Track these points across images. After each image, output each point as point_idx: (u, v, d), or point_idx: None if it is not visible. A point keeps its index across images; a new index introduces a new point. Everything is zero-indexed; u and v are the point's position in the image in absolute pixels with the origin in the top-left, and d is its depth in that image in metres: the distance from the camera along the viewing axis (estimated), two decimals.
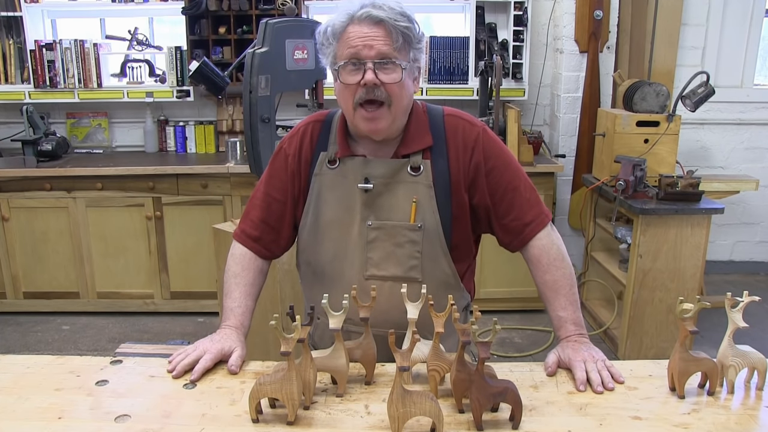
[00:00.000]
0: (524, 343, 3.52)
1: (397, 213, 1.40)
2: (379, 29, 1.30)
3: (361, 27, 1.31)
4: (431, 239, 1.40)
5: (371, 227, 1.40)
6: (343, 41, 1.32)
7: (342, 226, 1.43)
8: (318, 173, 1.45)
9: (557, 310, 1.41)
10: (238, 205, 3.68)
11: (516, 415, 1.10)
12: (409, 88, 1.37)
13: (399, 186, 1.40)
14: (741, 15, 4.11)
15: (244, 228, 1.53)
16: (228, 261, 1.51)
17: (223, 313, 1.45)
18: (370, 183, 1.40)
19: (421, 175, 1.39)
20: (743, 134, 4.29)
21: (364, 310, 1.21)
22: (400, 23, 1.31)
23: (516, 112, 3.62)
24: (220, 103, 4.16)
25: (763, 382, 1.23)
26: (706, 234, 3.06)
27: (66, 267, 3.77)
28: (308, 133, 1.49)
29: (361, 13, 1.30)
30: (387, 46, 1.30)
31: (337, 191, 1.42)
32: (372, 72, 1.30)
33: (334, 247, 1.44)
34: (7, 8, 3.87)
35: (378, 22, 1.30)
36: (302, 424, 1.12)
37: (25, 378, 1.27)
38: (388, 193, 1.40)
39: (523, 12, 3.91)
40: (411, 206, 1.38)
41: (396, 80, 1.32)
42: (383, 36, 1.30)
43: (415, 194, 1.39)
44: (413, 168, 1.39)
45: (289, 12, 2.84)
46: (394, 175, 1.40)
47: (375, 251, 1.40)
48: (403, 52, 1.33)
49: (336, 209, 1.43)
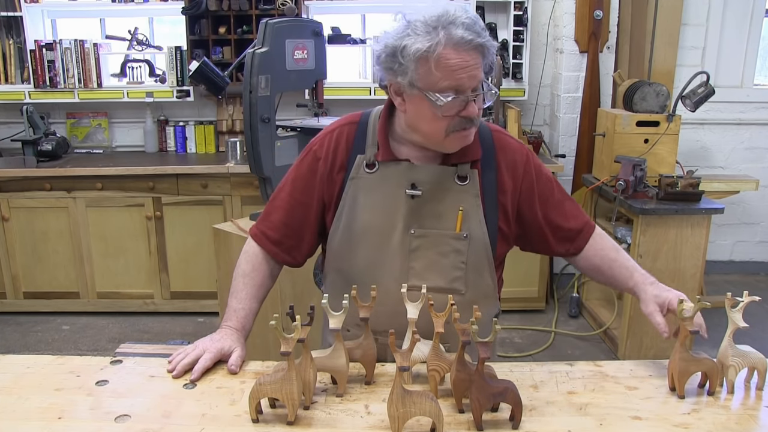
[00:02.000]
0: (524, 343, 3.52)
1: (443, 221, 1.35)
2: (477, 54, 1.22)
3: (460, 53, 1.20)
4: (477, 250, 1.36)
5: (414, 235, 1.35)
6: (439, 66, 1.20)
7: (380, 233, 1.37)
8: (354, 177, 1.37)
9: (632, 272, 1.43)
10: (238, 205, 3.68)
11: (516, 415, 1.10)
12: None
13: (445, 194, 1.35)
14: (741, 15, 4.11)
15: (263, 229, 1.47)
16: (240, 258, 1.48)
17: (226, 312, 1.44)
18: (418, 189, 1.34)
19: (469, 185, 1.35)
20: (743, 134, 4.29)
21: (364, 310, 1.21)
22: (492, 44, 1.25)
23: (516, 112, 3.62)
24: (220, 103, 4.16)
25: (763, 382, 1.23)
26: (706, 234, 3.06)
27: (66, 267, 3.78)
28: (343, 135, 1.41)
29: (459, 37, 1.19)
30: (480, 72, 1.25)
31: (376, 196, 1.36)
32: (473, 104, 1.26)
33: (369, 254, 1.38)
34: (7, 8, 3.87)
35: (477, 47, 1.21)
36: (302, 424, 1.12)
37: (25, 378, 1.27)
38: (434, 201, 1.35)
39: (523, 12, 3.91)
40: (457, 215, 1.34)
41: (488, 103, 1.30)
42: (478, 63, 1.23)
43: (461, 203, 1.34)
44: (460, 177, 1.35)
45: (289, 12, 2.84)
46: (441, 182, 1.35)
47: (418, 260, 1.35)
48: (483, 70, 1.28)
49: (374, 215, 1.37)
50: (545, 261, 3.81)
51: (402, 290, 1.22)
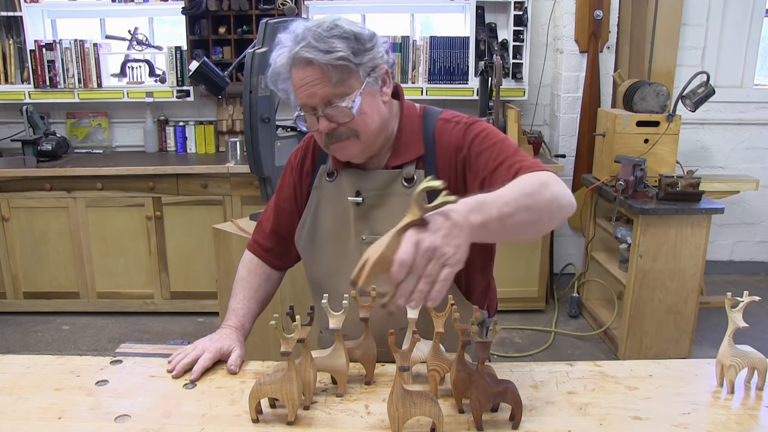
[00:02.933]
0: (524, 343, 3.52)
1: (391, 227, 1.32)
2: (313, 71, 1.20)
3: (298, 71, 1.22)
4: None
5: (365, 242, 1.33)
6: (293, 86, 1.25)
7: (338, 241, 1.38)
8: (317, 186, 1.41)
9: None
10: (238, 205, 3.68)
11: (516, 415, 1.10)
12: (372, 109, 1.26)
13: (392, 199, 1.33)
14: (741, 15, 4.11)
15: (256, 238, 1.54)
16: (238, 266, 1.53)
17: (226, 314, 1.46)
18: (360, 196, 1.34)
19: (414, 187, 1.27)
20: (743, 134, 4.29)
21: (364, 311, 1.21)
22: (332, 56, 1.18)
23: (516, 112, 3.62)
24: (220, 103, 4.16)
25: (763, 382, 1.23)
26: (706, 234, 3.06)
27: (66, 267, 3.78)
28: (311, 145, 1.46)
29: (292, 55, 1.20)
30: (326, 88, 1.20)
31: (334, 204, 1.38)
32: (325, 120, 1.23)
33: (329, 261, 1.40)
34: (7, 8, 3.87)
35: (309, 64, 1.19)
36: (302, 424, 1.12)
37: (25, 378, 1.27)
38: (382, 206, 1.34)
39: (523, 12, 3.91)
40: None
41: (350, 117, 1.23)
42: (319, 78, 1.20)
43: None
44: (406, 179, 1.32)
45: (289, 12, 2.84)
46: (387, 187, 1.33)
47: None
48: (349, 80, 1.22)
49: (332, 223, 1.39)
50: (545, 261, 3.81)
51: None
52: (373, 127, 1.27)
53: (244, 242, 1.57)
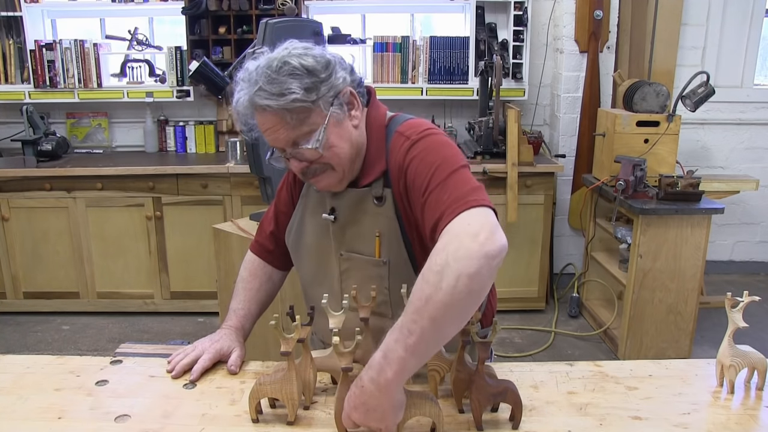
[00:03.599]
0: (524, 343, 3.52)
1: (365, 246, 1.29)
2: (271, 116, 1.17)
3: (258, 116, 1.19)
4: (399, 274, 1.27)
5: (343, 258, 1.32)
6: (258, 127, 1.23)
7: (320, 252, 1.38)
8: (305, 194, 1.41)
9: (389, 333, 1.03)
10: (238, 205, 3.68)
11: (516, 415, 1.10)
12: (341, 138, 1.21)
13: (365, 217, 1.29)
14: (741, 15, 4.11)
15: (258, 239, 1.54)
16: (240, 267, 1.54)
17: (227, 314, 1.46)
18: (333, 214, 1.31)
19: (384, 206, 1.26)
20: (743, 134, 4.29)
21: (364, 310, 1.21)
22: (284, 100, 1.14)
23: (516, 112, 3.62)
24: (220, 103, 4.16)
25: (763, 382, 1.23)
26: (706, 234, 3.06)
27: (66, 267, 3.78)
28: None
29: (249, 99, 1.17)
30: (287, 131, 1.18)
31: (317, 217, 1.36)
32: (296, 161, 1.22)
33: (312, 271, 1.41)
34: (7, 8, 3.87)
35: (264, 110, 1.16)
36: (302, 424, 1.12)
37: (25, 378, 1.27)
38: (355, 224, 1.30)
39: (523, 12, 3.91)
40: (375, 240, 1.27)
41: (318, 154, 1.19)
42: (278, 123, 1.17)
43: (378, 227, 1.27)
44: (376, 197, 1.26)
45: (289, 12, 2.84)
46: (358, 204, 1.29)
47: (348, 282, 1.32)
48: (309, 120, 1.17)
49: (314, 235, 1.38)
50: (545, 261, 3.81)
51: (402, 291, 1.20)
52: (345, 156, 1.22)
53: (244, 242, 1.58)
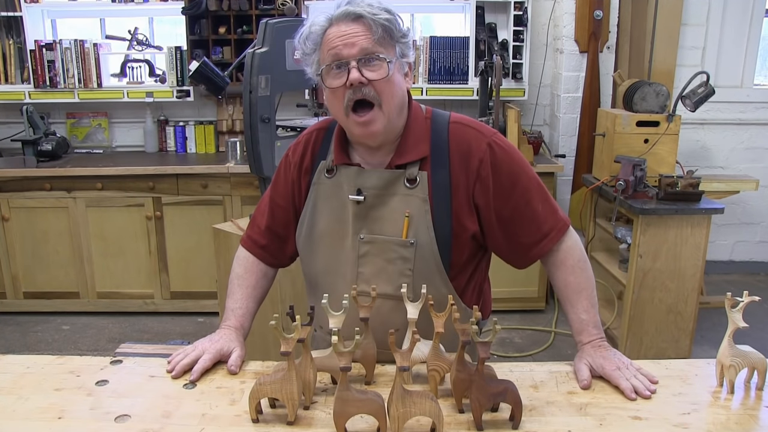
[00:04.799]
0: (524, 343, 3.52)
1: (390, 227, 1.32)
2: (358, 25, 1.24)
3: (340, 26, 1.25)
4: (425, 257, 1.31)
5: (363, 241, 1.33)
6: (325, 44, 1.26)
7: (335, 239, 1.37)
8: (316, 182, 1.40)
9: (580, 313, 1.34)
10: (238, 205, 3.68)
11: (516, 415, 1.10)
12: (399, 84, 1.29)
13: (393, 198, 1.32)
14: (741, 15, 4.11)
15: (250, 234, 1.51)
16: (233, 263, 1.51)
17: (224, 314, 1.45)
18: (361, 195, 1.32)
19: (417, 188, 1.30)
20: (743, 134, 4.29)
21: (364, 310, 1.21)
22: (380, 16, 1.24)
23: (516, 112, 3.62)
24: (220, 103, 4.16)
25: (763, 382, 1.23)
26: (706, 234, 3.06)
27: (66, 267, 3.77)
28: (311, 141, 1.44)
29: (338, 12, 1.25)
30: (368, 41, 1.23)
31: (332, 202, 1.37)
32: (356, 70, 1.23)
33: (326, 259, 1.39)
34: (7, 8, 3.87)
35: (356, 18, 1.24)
36: (302, 424, 1.12)
37: (25, 378, 1.27)
38: (381, 206, 1.33)
39: (523, 12, 3.91)
40: (404, 221, 1.30)
41: (383, 76, 1.24)
42: (363, 31, 1.24)
43: (408, 208, 1.30)
44: (409, 180, 1.31)
45: (289, 12, 2.84)
46: (388, 186, 1.32)
47: (366, 266, 1.34)
48: (388, 47, 1.26)
49: (330, 220, 1.37)
50: None
51: (402, 290, 1.22)
52: (395, 101, 1.28)
53: None
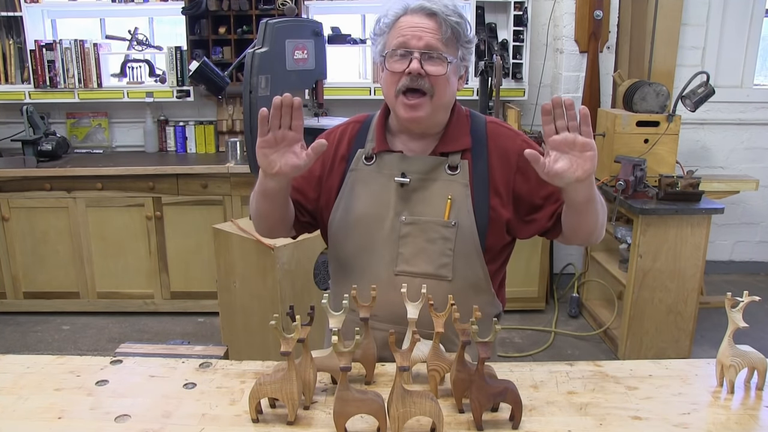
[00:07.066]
0: (524, 343, 3.52)
1: (432, 209, 1.39)
2: (430, 21, 1.33)
3: (413, 18, 1.34)
4: (465, 238, 1.38)
5: (404, 222, 1.39)
6: (395, 30, 1.35)
7: (373, 221, 1.42)
8: (354, 169, 1.44)
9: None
10: (238, 205, 3.68)
11: (516, 415, 1.10)
12: (453, 84, 1.38)
13: (435, 183, 1.40)
14: (741, 15, 4.11)
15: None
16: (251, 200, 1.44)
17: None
18: (406, 177, 1.40)
19: (459, 175, 1.39)
20: (743, 134, 4.29)
21: (364, 310, 1.21)
22: (452, 18, 1.33)
23: (516, 112, 3.62)
24: (220, 103, 4.16)
25: (763, 382, 1.23)
26: (706, 234, 3.06)
27: (66, 267, 3.77)
28: (347, 131, 1.50)
29: (415, 5, 1.34)
30: (436, 38, 1.32)
31: (372, 186, 1.42)
32: (418, 62, 1.31)
33: (362, 240, 1.43)
34: (7, 8, 3.87)
35: (430, 15, 1.33)
36: (302, 424, 1.12)
37: (25, 378, 1.27)
38: (423, 189, 1.40)
39: (523, 12, 3.91)
40: (446, 203, 1.38)
41: (441, 72, 1.33)
42: (433, 29, 1.33)
43: (450, 192, 1.39)
44: (451, 167, 1.40)
45: (289, 12, 2.84)
46: (431, 171, 1.41)
47: (407, 246, 1.39)
48: (452, 47, 1.35)
49: (368, 204, 1.42)
50: (545, 261, 3.81)
51: (402, 290, 1.22)
52: (446, 98, 1.37)
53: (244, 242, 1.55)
